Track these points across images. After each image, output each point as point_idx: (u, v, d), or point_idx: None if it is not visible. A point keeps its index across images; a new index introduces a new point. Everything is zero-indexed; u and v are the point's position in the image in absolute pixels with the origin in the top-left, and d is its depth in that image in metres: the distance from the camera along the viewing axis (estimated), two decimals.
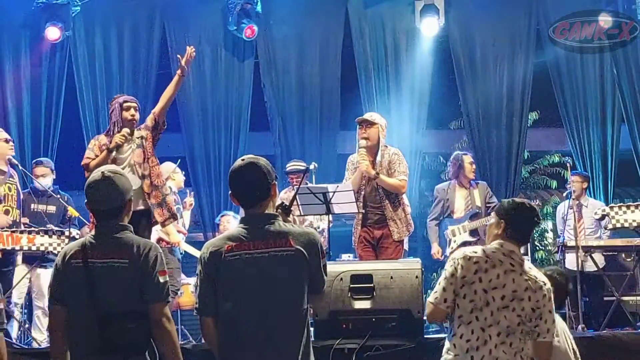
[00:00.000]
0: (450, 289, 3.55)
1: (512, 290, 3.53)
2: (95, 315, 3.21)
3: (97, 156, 5.84)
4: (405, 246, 6.79)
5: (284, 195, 7.34)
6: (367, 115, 6.56)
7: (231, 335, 3.19)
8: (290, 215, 3.77)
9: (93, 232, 3.41)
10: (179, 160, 7.88)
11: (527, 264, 3.65)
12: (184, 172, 7.97)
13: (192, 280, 7.25)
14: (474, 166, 7.48)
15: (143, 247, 3.32)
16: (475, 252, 3.59)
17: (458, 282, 3.54)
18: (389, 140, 9.03)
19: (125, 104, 5.99)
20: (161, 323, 3.28)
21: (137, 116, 6.05)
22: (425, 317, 3.63)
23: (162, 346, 3.32)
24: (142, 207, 5.82)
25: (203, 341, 3.42)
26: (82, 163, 5.92)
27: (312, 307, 3.43)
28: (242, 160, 3.32)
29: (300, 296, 3.22)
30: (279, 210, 3.38)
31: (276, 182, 3.35)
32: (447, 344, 3.61)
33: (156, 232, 6.75)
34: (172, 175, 7.46)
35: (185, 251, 7.53)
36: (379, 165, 6.35)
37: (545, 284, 3.60)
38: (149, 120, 6.10)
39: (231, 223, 7.94)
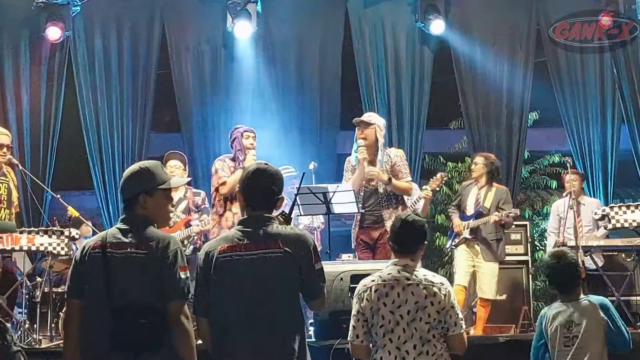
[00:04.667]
0: (360, 325, 3.71)
1: (414, 302, 3.66)
2: (109, 309, 3.16)
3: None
4: None
5: None
6: (365, 116, 6.60)
7: (223, 335, 3.22)
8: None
9: (120, 224, 3.37)
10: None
11: (422, 271, 3.78)
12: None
13: None
14: (473, 166, 7.44)
15: (163, 239, 3.27)
16: (373, 281, 3.73)
17: (367, 314, 3.69)
18: (390, 140, 9.09)
19: (245, 133, 6.55)
20: (179, 321, 3.22)
21: (255, 144, 6.57)
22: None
23: (178, 345, 3.22)
24: None
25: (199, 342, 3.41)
26: (218, 182, 6.38)
27: (314, 311, 3.46)
28: (259, 164, 3.42)
29: (291, 297, 3.26)
30: (279, 217, 3.42)
31: (284, 196, 3.44)
32: None
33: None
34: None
35: None
36: (382, 167, 6.36)
37: (442, 284, 3.72)
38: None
39: None
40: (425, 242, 3.89)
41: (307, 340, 3.42)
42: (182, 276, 3.22)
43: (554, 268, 4.31)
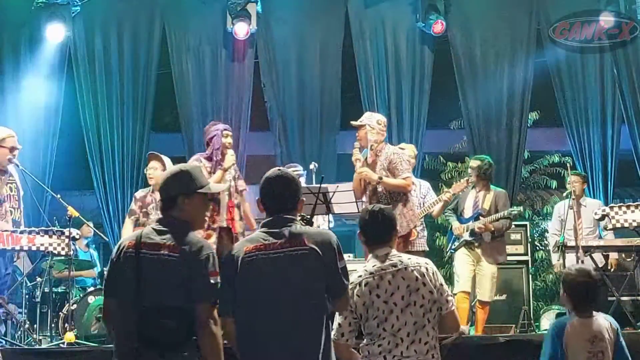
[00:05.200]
0: (346, 323, 3.65)
1: (406, 286, 3.63)
2: (138, 308, 3.20)
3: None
4: (424, 247, 6.80)
5: None
6: (362, 117, 6.52)
7: (250, 336, 3.26)
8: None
9: (153, 224, 3.41)
10: None
11: (404, 255, 3.77)
12: None
13: None
14: (472, 170, 7.34)
15: (195, 244, 3.31)
16: (360, 276, 3.67)
17: (359, 311, 3.63)
18: (390, 140, 9.07)
19: (224, 131, 6.37)
20: (207, 324, 3.25)
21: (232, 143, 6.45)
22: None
23: (205, 347, 3.25)
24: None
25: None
26: None
27: (335, 311, 3.47)
28: (279, 170, 3.47)
29: (317, 294, 3.29)
30: (301, 222, 3.52)
31: (304, 199, 3.47)
32: (361, 350, 3.69)
33: None
34: None
35: None
36: (380, 165, 6.32)
37: (427, 264, 3.73)
38: (240, 184, 6.52)
39: None
40: (398, 229, 3.92)
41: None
42: (212, 281, 3.27)
43: (580, 284, 4.23)
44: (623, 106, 9.53)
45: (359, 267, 5.55)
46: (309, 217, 3.59)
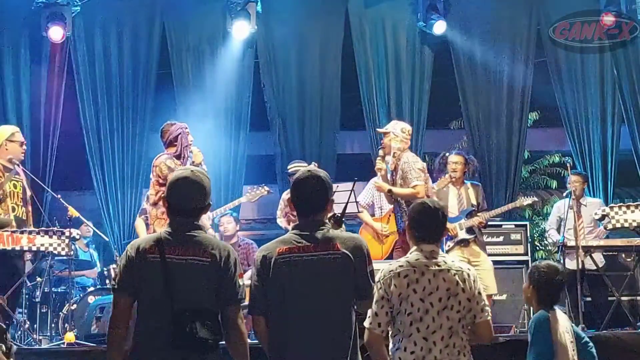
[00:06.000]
0: (383, 312, 3.55)
1: (446, 289, 3.56)
2: (169, 310, 3.25)
3: None
4: None
5: (285, 197, 7.34)
6: (384, 127, 6.77)
7: (281, 335, 3.35)
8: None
9: (168, 229, 3.41)
10: None
11: (448, 257, 3.72)
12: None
13: None
14: (456, 166, 7.31)
15: (223, 249, 3.38)
16: (401, 266, 3.59)
17: (393, 301, 3.54)
18: None
19: (186, 130, 6.33)
20: (236, 324, 3.35)
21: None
22: (366, 345, 3.59)
23: (234, 346, 3.37)
24: None
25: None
26: None
27: (360, 312, 3.50)
28: (309, 172, 3.51)
29: (347, 298, 3.38)
30: (331, 220, 3.58)
31: (333, 199, 3.52)
32: (391, 355, 3.61)
33: None
34: None
35: None
36: (396, 173, 6.49)
37: (469, 270, 3.67)
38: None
39: (231, 223, 7.93)
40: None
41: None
42: (240, 282, 3.38)
43: (549, 279, 4.24)
44: (623, 106, 9.54)
45: None
46: (339, 215, 3.61)
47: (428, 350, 3.50)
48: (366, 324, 3.58)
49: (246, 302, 3.48)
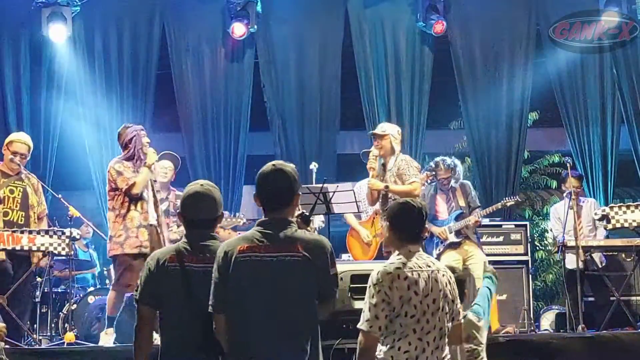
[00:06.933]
0: (383, 315, 3.46)
1: (438, 290, 3.53)
2: (193, 315, 3.35)
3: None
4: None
5: None
6: (378, 128, 6.79)
7: (240, 335, 3.27)
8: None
9: (185, 239, 3.55)
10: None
11: (430, 258, 3.68)
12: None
13: None
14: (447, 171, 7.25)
15: None
16: (399, 268, 3.51)
17: (394, 304, 3.46)
18: None
19: (142, 132, 6.39)
20: None
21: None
22: (360, 348, 3.50)
23: None
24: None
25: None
26: (126, 185, 6.15)
27: (320, 314, 3.42)
28: (273, 165, 3.42)
29: (308, 300, 3.30)
30: (298, 219, 3.48)
31: (300, 193, 3.45)
32: (381, 355, 3.53)
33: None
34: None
35: None
36: (391, 172, 6.50)
37: (446, 271, 3.64)
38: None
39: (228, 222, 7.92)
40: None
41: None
42: None
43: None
44: (623, 106, 9.54)
45: (358, 267, 5.60)
46: (307, 214, 3.54)
47: (422, 350, 3.48)
48: (364, 327, 3.48)
49: None
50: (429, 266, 3.57)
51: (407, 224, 3.62)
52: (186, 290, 3.40)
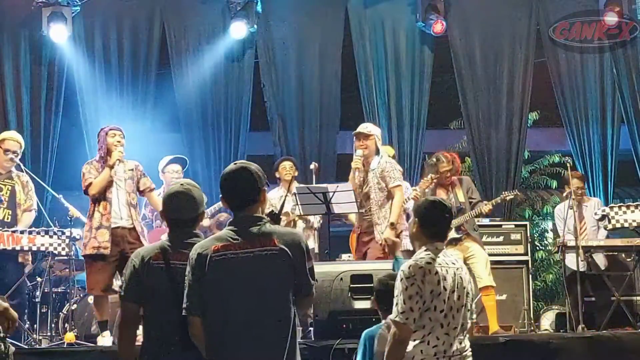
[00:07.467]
0: (417, 307, 3.48)
1: (462, 287, 3.60)
2: (176, 313, 3.33)
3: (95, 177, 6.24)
4: (408, 246, 6.78)
5: (275, 194, 7.32)
6: (362, 128, 6.71)
7: (217, 336, 3.24)
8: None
9: (168, 238, 3.57)
10: None
11: (454, 256, 3.74)
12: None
13: None
14: (445, 165, 7.25)
15: None
16: (429, 263, 3.55)
17: (425, 297, 3.49)
18: (390, 140, 9.09)
19: (110, 132, 6.43)
20: None
21: (123, 142, 6.41)
22: (395, 340, 3.51)
23: None
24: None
25: None
26: (84, 185, 6.24)
27: (298, 311, 3.41)
28: (235, 164, 3.42)
29: (286, 295, 3.27)
30: (267, 217, 3.43)
31: (266, 188, 3.42)
32: (410, 349, 3.54)
33: None
34: None
35: None
36: (374, 175, 6.49)
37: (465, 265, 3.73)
38: (144, 182, 6.51)
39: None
40: None
41: (306, 340, 3.43)
42: None
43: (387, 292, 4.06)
44: (623, 106, 9.53)
45: (359, 267, 5.60)
46: (276, 213, 3.53)
47: (449, 345, 3.53)
48: (399, 319, 3.49)
49: None
50: (454, 264, 3.64)
51: (436, 222, 3.68)
52: (171, 287, 3.40)
